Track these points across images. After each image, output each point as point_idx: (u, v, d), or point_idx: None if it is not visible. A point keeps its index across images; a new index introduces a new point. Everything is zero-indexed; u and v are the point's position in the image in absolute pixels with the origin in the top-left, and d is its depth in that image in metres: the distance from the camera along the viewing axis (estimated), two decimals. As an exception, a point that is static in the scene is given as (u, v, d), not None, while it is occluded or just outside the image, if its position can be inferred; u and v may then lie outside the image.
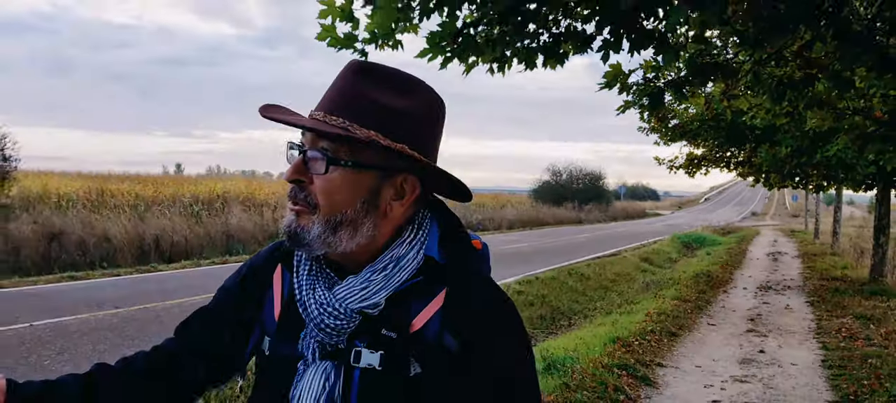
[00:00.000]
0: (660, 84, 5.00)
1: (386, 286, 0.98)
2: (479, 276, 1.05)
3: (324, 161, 0.96)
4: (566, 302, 11.47)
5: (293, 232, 0.97)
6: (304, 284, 1.01)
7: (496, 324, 1.02)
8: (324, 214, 0.96)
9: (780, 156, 10.97)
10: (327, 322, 0.96)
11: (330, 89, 0.99)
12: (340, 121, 0.94)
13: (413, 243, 1.02)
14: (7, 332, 6.76)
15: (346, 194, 0.97)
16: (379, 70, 1.00)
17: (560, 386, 5.06)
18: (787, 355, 6.76)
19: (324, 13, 4.18)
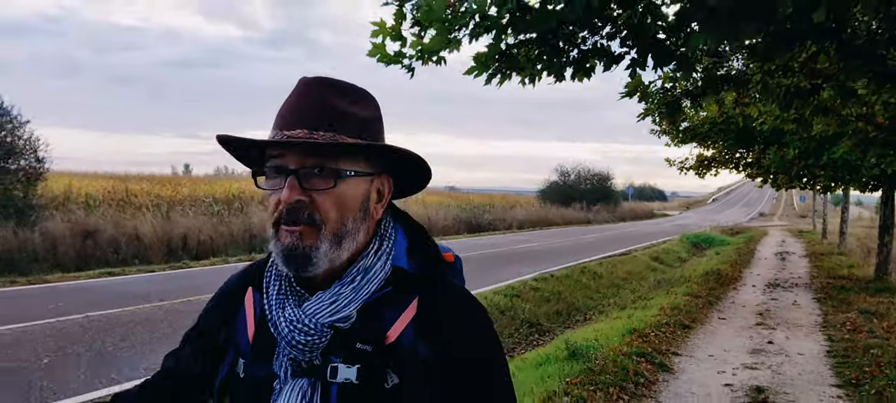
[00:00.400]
0: (677, 93, 5.44)
1: (355, 298, 0.98)
2: (451, 283, 1.06)
3: (330, 176, 0.96)
4: (581, 299, 11.92)
5: (302, 253, 0.95)
6: (274, 303, 1.00)
7: (470, 331, 1.02)
8: (331, 229, 0.96)
9: (788, 157, 11.40)
10: (297, 338, 0.95)
11: (295, 106, 0.99)
12: (330, 134, 0.96)
13: (379, 253, 1.02)
14: (67, 322, 7.27)
15: (351, 205, 0.98)
16: (338, 83, 1.02)
17: (584, 371, 5.52)
18: (794, 346, 7.20)
19: (375, 33, 4.64)
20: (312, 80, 1.01)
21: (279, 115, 0.99)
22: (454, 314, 1.01)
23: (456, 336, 0.99)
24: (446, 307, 1.01)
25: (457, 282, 1.10)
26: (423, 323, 0.98)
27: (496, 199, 40.69)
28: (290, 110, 0.99)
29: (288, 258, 0.96)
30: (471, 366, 0.99)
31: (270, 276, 1.04)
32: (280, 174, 0.97)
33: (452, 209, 29.40)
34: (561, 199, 46.33)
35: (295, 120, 0.97)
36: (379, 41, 4.67)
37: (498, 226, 29.79)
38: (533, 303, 10.60)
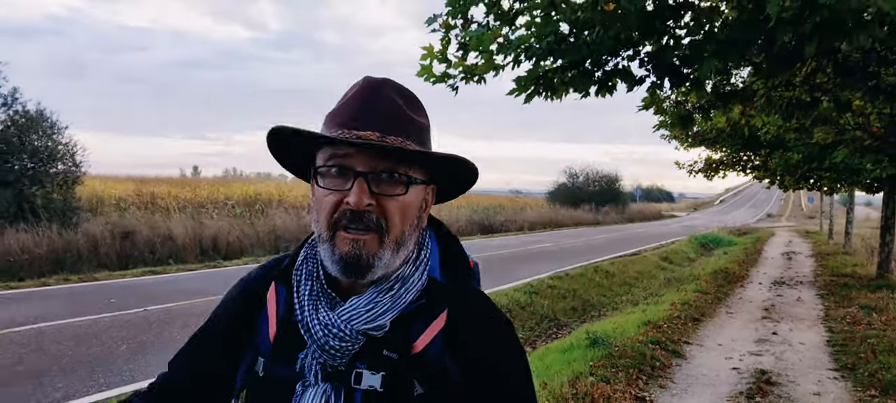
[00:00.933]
0: (689, 108, 6.08)
1: (392, 307, 0.96)
2: (479, 297, 1.05)
3: (402, 182, 0.95)
4: (595, 296, 12.54)
5: (365, 261, 0.94)
6: (307, 303, 0.98)
7: (498, 345, 1.02)
8: (394, 237, 0.95)
9: (793, 161, 11.99)
10: (332, 343, 0.94)
11: (367, 107, 0.96)
12: (401, 139, 0.95)
13: (418, 263, 1.01)
14: (130, 315, 7.96)
15: (411, 213, 0.98)
16: (402, 88, 1.02)
17: (605, 356, 6.15)
18: (796, 336, 7.80)
19: (424, 57, 5.32)
20: (380, 82, 0.99)
21: (345, 114, 0.96)
22: (483, 328, 1.01)
23: (482, 350, 0.98)
24: (475, 321, 1.00)
25: (487, 295, 1.08)
26: (452, 335, 0.97)
27: (505, 201, 41.28)
28: (358, 110, 0.96)
29: (347, 264, 0.94)
30: (498, 382, 0.98)
31: (301, 275, 1.01)
32: (342, 175, 0.95)
33: (465, 211, 30.03)
34: (570, 201, 46.84)
35: (366, 121, 0.94)
36: (427, 63, 5.33)
37: (510, 228, 30.43)
38: (550, 300, 11.22)
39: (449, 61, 5.40)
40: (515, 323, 9.51)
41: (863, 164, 8.64)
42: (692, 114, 5.97)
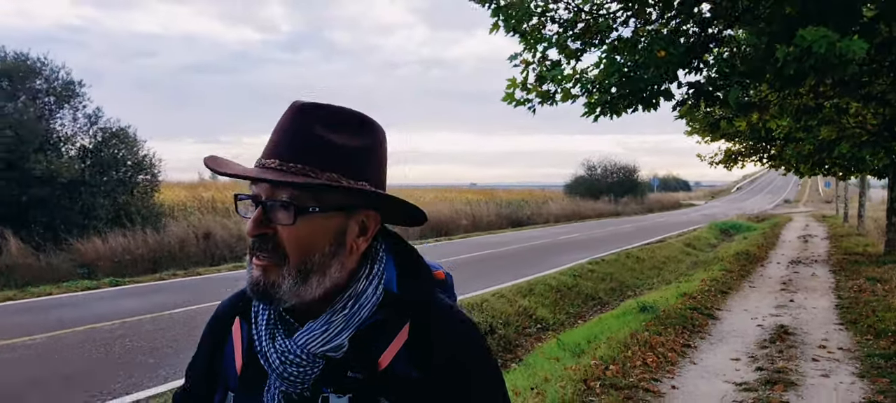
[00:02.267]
0: (716, 117, 7.58)
1: (347, 325, 0.95)
2: (442, 306, 1.04)
3: (291, 211, 0.93)
4: (629, 278, 14.02)
5: (263, 289, 0.93)
6: (264, 334, 0.98)
7: (463, 352, 1.01)
8: (294, 264, 0.93)
9: (805, 151, 13.40)
10: (289, 370, 0.94)
11: (279, 134, 0.96)
12: (300, 166, 0.93)
13: (371, 278, 0.99)
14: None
15: (315, 240, 0.95)
16: (328, 109, 0.98)
17: (654, 318, 7.66)
18: (810, 303, 9.27)
19: (509, 86, 6.89)
20: (300, 107, 0.98)
21: (269, 141, 0.98)
22: (446, 336, 0.99)
23: (449, 359, 0.98)
24: (438, 330, 0.99)
25: (447, 301, 1.07)
26: (416, 347, 0.97)
27: (524, 195, 42.64)
28: (274, 137, 0.97)
29: (253, 289, 0.94)
30: (465, 389, 0.98)
31: (259, 306, 1.00)
32: (255, 204, 0.95)
33: (491, 206, 31.52)
34: (589, 193, 48.03)
35: (271, 149, 0.95)
36: (511, 91, 6.91)
37: (536, 221, 31.90)
38: (592, 282, 12.73)
39: (530, 88, 6.95)
40: (564, 301, 11.07)
41: (863, 154, 10.07)
42: (719, 122, 7.47)
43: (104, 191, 14.56)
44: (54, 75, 15.18)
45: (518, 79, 6.89)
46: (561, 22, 6.80)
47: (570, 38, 6.76)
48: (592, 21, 6.71)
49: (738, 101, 7.44)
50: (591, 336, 7.26)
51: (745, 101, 7.43)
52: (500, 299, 9.85)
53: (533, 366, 6.24)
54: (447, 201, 29.90)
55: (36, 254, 12.34)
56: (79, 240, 13.10)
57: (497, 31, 6.76)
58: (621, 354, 6.04)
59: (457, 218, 25.91)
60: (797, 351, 6.42)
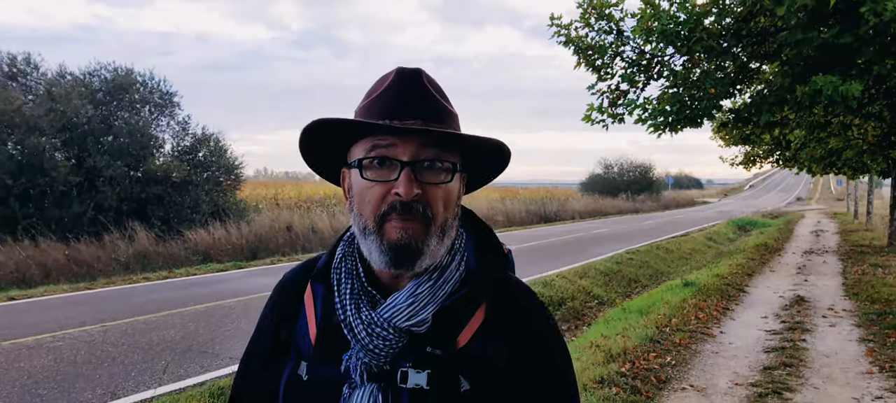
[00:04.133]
0: (747, 132, 9.63)
1: (433, 300, 0.95)
2: (517, 284, 1.06)
3: (447, 170, 0.95)
4: (662, 266, 16.05)
5: (415, 248, 0.92)
6: (349, 304, 0.97)
7: (538, 333, 1.02)
8: (439, 224, 0.95)
9: (816, 155, 15.39)
10: (376, 343, 0.93)
11: (401, 96, 0.95)
12: (441, 126, 0.95)
13: (453, 252, 1.00)
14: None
15: (454, 199, 0.98)
16: (431, 78, 1.00)
17: (697, 291, 9.71)
18: (821, 282, 11.29)
19: (589, 109, 8.95)
20: (413, 72, 0.98)
21: (383, 105, 0.95)
22: (522, 317, 1.01)
23: (525, 341, 0.99)
24: (514, 310, 1.01)
25: (522, 281, 1.09)
26: (494, 326, 0.97)
27: (541, 192, 44.55)
28: (399, 100, 0.94)
29: (398, 253, 0.93)
30: (541, 370, 0.99)
31: (340, 275, 1.01)
32: (385, 166, 0.94)
33: (517, 203, 33.56)
34: (606, 191, 49.82)
35: (407, 111, 0.93)
36: (589, 113, 8.98)
37: (563, 217, 33.93)
38: (632, 268, 14.77)
39: (602, 111, 9.02)
40: (613, 283, 13.14)
41: (865, 160, 12.06)
42: (749, 136, 9.50)
43: (205, 188, 16.74)
44: (155, 87, 17.39)
45: (595, 104, 8.97)
46: (628, 60, 8.87)
47: (635, 72, 8.82)
48: (652, 60, 8.79)
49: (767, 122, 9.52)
50: (648, 303, 9.31)
51: (771, 121, 9.48)
52: (562, 279, 11.91)
53: (610, 322, 8.31)
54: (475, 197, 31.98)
55: (159, 242, 14.51)
56: (189, 232, 15.27)
57: (580, 67, 8.83)
58: (678, 312, 8.12)
59: (493, 214, 27.98)
60: (811, 312, 8.47)
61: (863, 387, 5.34)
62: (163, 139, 17.52)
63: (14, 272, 11.52)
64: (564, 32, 8.77)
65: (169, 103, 17.55)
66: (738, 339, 7.08)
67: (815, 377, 5.64)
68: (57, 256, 12.41)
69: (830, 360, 6.17)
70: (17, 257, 11.92)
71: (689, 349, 6.60)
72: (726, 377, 5.68)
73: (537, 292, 8.00)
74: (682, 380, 5.58)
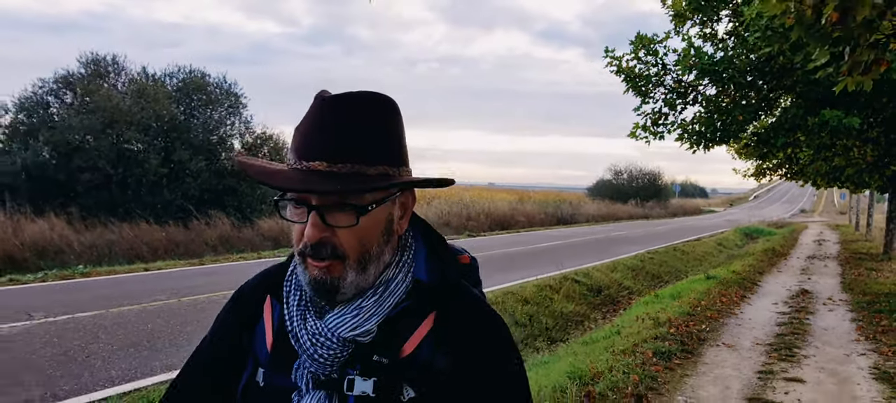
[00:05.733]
0: (764, 151, 11.49)
1: (377, 312, 0.98)
2: (467, 295, 1.06)
3: (352, 212, 0.94)
4: (680, 265, 17.89)
5: (330, 285, 0.95)
6: (295, 315, 1.01)
7: (487, 343, 1.03)
8: (354, 260, 0.96)
9: (822, 171, 17.23)
10: (320, 352, 0.96)
11: (315, 131, 0.95)
12: (350, 165, 0.94)
13: (401, 265, 1.03)
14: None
15: (372, 234, 0.98)
16: (353, 98, 0.97)
17: (718, 282, 11.56)
18: (822, 281, 13.13)
19: (635, 127, 10.83)
20: (329, 100, 0.96)
21: (298, 140, 0.97)
22: (470, 326, 1.02)
23: (472, 349, 1.00)
24: (462, 319, 1.02)
25: (471, 287, 1.11)
26: (440, 335, 1.00)
27: (550, 195, 46.29)
28: (308, 136, 0.96)
29: (317, 288, 0.96)
30: (486, 380, 1.00)
31: (291, 286, 1.04)
32: (300, 206, 0.96)
33: (537, 205, 35.39)
34: (615, 196, 51.41)
35: (314, 149, 0.94)
36: (634, 131, 10.84)
37: (578, 220, 35.76)
38: (654, 266, 16.63)
39: (646, 129, 10.88)
40: (639, 277, 14.98)
41: (864, 177, 13.92)
42: (767, 154, 11.34)
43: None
44: (227, 89, 19.29)
45: (640, 123, 10.84)
46: (668, 87, 10.73)
47: (675, 98, 10.69)
48: (689, 89, 10.65)
49: (782, 143, 11.38)
50: (677, 291, 11.15)
51: (785, 143, 11.33)
52: (597, 272, 13.76)
53: (648, 304, 10.15)
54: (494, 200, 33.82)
55: (235, 229, 16.40)
56: (260, 220, 17.15)
57: (629, 92, 10.68)
58: (705, 297, 9.97)
59: (515, 215, 29.79)
60: (813, 301, 10.33)
61: (851, 348, 7.20)
62: (232, 136, 19.42)
63: (129, 249, 13.41)
64: (617, 63, 10.62)
65: (237, 104, 19.43)
66: (755, 317, 8.93)
67: (816, 341, 7.50)
68: (159, 237, 14.30)
69: (828, 332, 8.02)
70: (128, 237, 13.81)
71: (717, 321, 8.46)
72: (749, 339, 7.54)
73: (579, 281, 10.08)
74: (715, 341, 7.44)
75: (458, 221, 24.17)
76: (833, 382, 5.87)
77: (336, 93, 0.98)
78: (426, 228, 1.11)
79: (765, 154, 11.38)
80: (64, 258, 12.12)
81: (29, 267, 11.48)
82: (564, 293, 11.23)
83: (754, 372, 6.12)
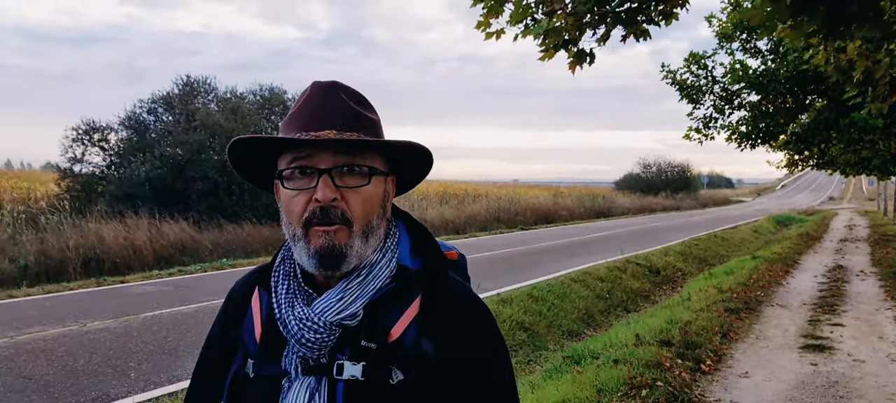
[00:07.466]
0: (802, 147, 13.31)
1: (361, 294, 1.01)
2: (453, 281, 1.10)
3: (365, 174, 1.01)
4: (722, 250, 19.64)
5: (338, 252, 0.99)
6: (283, 302, 1.04)
7: (471, 328, 1.06)
8: (359, 227, 1.00)
9: (851, 162, 18.91)
10: (307, 336, 0.99)
11: (318, 108, 1.02)
12: (356, 135, 1.01)
13: (384, 250, 1.06)
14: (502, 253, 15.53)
15: (375, 202, 1.03)
16: (349, 88, 1.07)
17: (763, 262, 13.37)
18: (854, 258, 14.89)
19: (688, 130, 12.72)
20: (328, 85, 1.05)
21: (301, 118, 1.02)
22: (455, 311, 1.05)
23: (456, 334, 1.03)
24: (447, 304, 1.05)
25: (458, 278, 1.13)
26: (426, 320, 1.02)
27: (578, 190, 47.81)
28: (312, 112, 1.02)
29: (322, 257, 0.99)
30: (471, 363, 1.03)
31: (278, 276, 1.08)
32: (306, 175, 1.00)
33: (575, 199, 37.15)
34: (643, 189, 52.54)
35: (322, 121, 1.00)
36: (688, 134, 12.72)
37: (615, 212, 37.49)
38: (699, 251, 18.42)
39: (698, 131, 12.76)
40: (688, 260, 16.79)
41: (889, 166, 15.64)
42: (804, 150, 13.14)
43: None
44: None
45: (693, 126, 12.72)
46: (717, 94, 12.59)
47: (723, 105, 12.54)
48: (734, 97, 12.50)
49: (818, 141, 13.18)
50: (728, 269, 12.99)
51: (820, 139, 13.12)
52: (654, 256, 15.62)
53: (706, 279, 12.01)
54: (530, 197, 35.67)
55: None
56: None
57: (684, 101, 12.56)
58: (755, 272, 11.82)
59: (557, 209, 31.66)
60: (847, 273, 12.15)
61: (880, 306, 9.04)
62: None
63: (245, 246, 15.58)
64: (671, 75, 12.52)
65: (313, 115, 21.59)
66: (799, 286, 10.79)
67: (852, 301, 9.35)
68: (264, 235, 16.46)
69: (861, 294, 9.86)
70: (241, 236, 15.99)
71: (769, 289, 10.33)
72: (797, 301, 9.42)
73: (639, 264, 12.37)
74: (770, 302, 9.32)
75: (508, 216, 26.15)
76: (866, 326, 7.74)
77: (332, 81, 1.07)
78: (409, 220, 1.16)
79: (801, 149, 13.17)
80: (200, 254, 14.32)
81: (175, 262, 13.68)
82: (630, 273, 13.12)
83: (804, 321, 8.02)
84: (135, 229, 13.94)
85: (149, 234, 14.00)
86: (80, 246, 12.63)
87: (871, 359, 6.27)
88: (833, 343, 6.90)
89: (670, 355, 6.00)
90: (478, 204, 26.72)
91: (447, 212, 24.15)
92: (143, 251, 13.46)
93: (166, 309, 8.47)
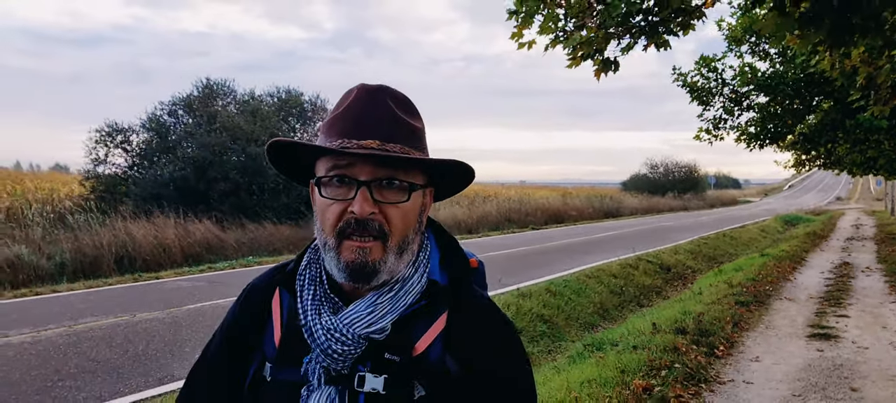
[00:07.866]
0: (809, 147, 13.71)
1: (392, 310, 0.99)
2: (480, 298, 1.09)
3: (405, 189, 0.99)
4: (731, 249, 20.03)
5: (371, 268, 0.97)
6: (310, 309, 1.02)
7: (497, 346, 1.05)
8: (396, 242, 0.99)
9: (857, 161, 19.27)
10: (334, 347, 0.97)
11: (362, 115, 0.99)
12: (399, 147, 0.98)
13: (417, 264, 1.04)
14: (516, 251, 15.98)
15: (413, 217, 1.01)
16: (397, 93, 1.04)
17: (772, 259, 13.77)
18: (860, 256, 15.27)
19: (699, 130, 13.16)
20: (376, 89, 1.02)
21: (344, 123, 0.99)
22: (481, 329, 1.04)
23: (484, 352, 1.02)
24: (474, 322, 1.04)
25: (479, 288, 1.13)
26: (452, 337, 1.01)
27: (585, 191, 48.17)
28: (358, 119, 0.99)
29: (353, 272, 0.97)
30: (496, 382, 1.02)
31: (304, 280, 1.05)
32: (344, 185, 0.98)
33: (584, 200, 37.55)
34: (651, 190, 52.88)
35: (366, 130, 0.97)
36: (698, 135, 13.14)
37: (623, 213, 37.87)
38: (708, 249, 18.81)
39: (708, 132, 13.17)
40: (697, 258, 17.20)
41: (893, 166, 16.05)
42: (811, 150, 13.54)
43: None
44: (320, 105, 21.93)
45: (703, 127, 13.15)
46: (726, 96, 13.01)
47: (732, 106, 12.96)
48: (743, 99, 12.92)
49: (825, 141, 13.58)
50: (738, 266, 13.41)
51: (827, 139, 13.52)
52: (664, 254, 16.04)
53: (716, 275, 12.43)
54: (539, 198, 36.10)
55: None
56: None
57: (694, 103, 12.99)
58: (764, 269, 12.24)
59: (566, 209, 32.09)
60: (853, 270, 12.54)
61: (884, 299, 9.45)
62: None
63: (267, 244, 16.08)
64: (682, 77, 12.95)
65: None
66: (807, 281, 11.20)
67: (857, 295, 9.76)
68: (285, 234, 16.96)
69: (866, 289, 10.27)
70: (263, 235, 16.49)
71: (777, 284, 10.75)
72: (804, 295, 9.84)
73: (650, 262, 12.94)
74: (779, 296, 9.75)
75: (519, 216, 26.60)
76: (870, 317, 8.16)
77: (375, 84, 1.04)
78: (439, 230, 1.14)
79: (809, 149, 13.58)
80: (225, 252, 14.82)
81: (202, 259, 14.19)
82: (642, 270, 13.55)
83: (811, 313, 8.45)
84: (163, 228, 14.45)
85: (176, 233, 14.51)
86: (113, 243, 13.15)
87: (874, 346, 6.69)
88: (838, 332, 7.33)
89: (686, 342, 6.44)
90: (488, 204, 27.18)
91: (459, 212, 24.60)
92: (172, 249, 13.97)
93: (206, 302, 8.95)
